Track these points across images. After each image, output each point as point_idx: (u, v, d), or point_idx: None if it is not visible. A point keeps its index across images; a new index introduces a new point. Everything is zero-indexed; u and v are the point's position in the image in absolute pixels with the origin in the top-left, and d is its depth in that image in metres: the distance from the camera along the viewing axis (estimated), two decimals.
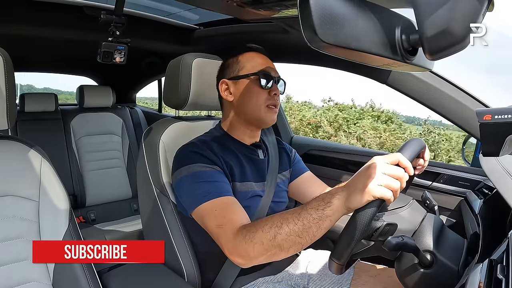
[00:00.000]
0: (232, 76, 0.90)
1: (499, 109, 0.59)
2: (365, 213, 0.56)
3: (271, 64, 0.91)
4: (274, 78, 0.88)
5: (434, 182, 1.19)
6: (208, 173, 0.79)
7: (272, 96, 0.87)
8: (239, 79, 0.88)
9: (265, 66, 0.88)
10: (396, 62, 0.44)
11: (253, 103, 0.87)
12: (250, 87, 0.87)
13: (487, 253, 0.58)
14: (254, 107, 0.87)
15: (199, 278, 0.89)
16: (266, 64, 0.89)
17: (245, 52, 0.91)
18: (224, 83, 0.91)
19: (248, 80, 0.87)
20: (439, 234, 0.72)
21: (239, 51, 0.92)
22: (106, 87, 2.16)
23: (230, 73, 0.91)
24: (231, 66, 0.91)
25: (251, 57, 0.90)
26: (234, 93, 0.89)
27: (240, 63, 0.90)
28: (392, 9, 0.45)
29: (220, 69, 0.94)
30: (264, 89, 0.86)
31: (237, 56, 0.91)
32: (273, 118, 0.89)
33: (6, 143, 0.74)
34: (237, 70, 0.89)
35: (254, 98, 0.87)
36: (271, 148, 0.98)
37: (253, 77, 0.87)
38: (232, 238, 0.68)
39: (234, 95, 0.89)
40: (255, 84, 0.87)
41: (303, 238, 0.61)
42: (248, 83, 0.87)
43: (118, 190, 2.05)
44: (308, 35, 0.37)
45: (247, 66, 0.89)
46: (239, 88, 0.89)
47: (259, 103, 0.87)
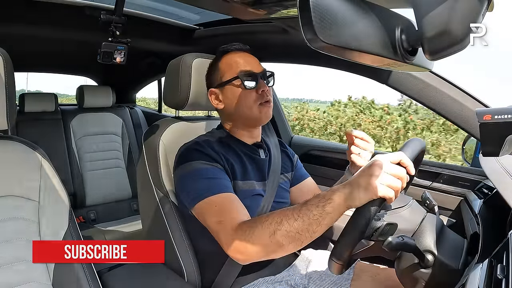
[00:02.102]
0: (216, 84, 0.89)
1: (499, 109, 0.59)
2: (367, 212, 0.56)
3: (252, 60, 0.89)
4: (258, 75, 0.86)
5: (434, 182, 1.19)
6: (209, 170, 0.79)
7: (260, 93, 0.86)
8: (223, 86, 0.88)
9: (246, 66, 0.87)
10: (396, 62, 0.44)
11: (243, 106, 0.86)
12: (235, 91, 0.86)
13: (487, 253, 0.58)
14: (245, 109, 0.87)
15: (199, 278, 0.89)
16: (246, 62, 0.87)
17: (222, 55, 0.90)
18: (213, 92, 0.91)
19: (231, 85, 0.87)
20: (439, 234, 0.72)
21: (217, 57, 0.91)
22: (106, 87, 2.16)
23: (214, 81, 0.90)
24: (213, 74, 0.91)
25: (229, 59, 0.89)
26: (223, 101, 0.89)
27: (220, 70, 0.89)
28: (392, 9, 0.45)
29: (206, 77, 0.94)
30: (250, 90, 0.85)
31: (216, 63, 0.91)
32: (268, 114, 0.88)
33: (6, 143, 0.74)
34: (219, 77, 0.89)
35: (242, 101, 0.86)
36: (273, 148, 0.98)
37: (235, 81, 0.86)
38: (231, 234, 0.68)
39: (224, 102, 0.89)
40: (239, 87, 0.86)
41: (303, 234, 0.61)
42: (233, 88, 0.87)
43: (118, 190, 2.05)
44: (308, 35, 0.37)
45: (226, 70, 0.88)
46: (226, 94, 0.88)
47: (249, 105, 0.86)
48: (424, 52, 0.41)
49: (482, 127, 0.59)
